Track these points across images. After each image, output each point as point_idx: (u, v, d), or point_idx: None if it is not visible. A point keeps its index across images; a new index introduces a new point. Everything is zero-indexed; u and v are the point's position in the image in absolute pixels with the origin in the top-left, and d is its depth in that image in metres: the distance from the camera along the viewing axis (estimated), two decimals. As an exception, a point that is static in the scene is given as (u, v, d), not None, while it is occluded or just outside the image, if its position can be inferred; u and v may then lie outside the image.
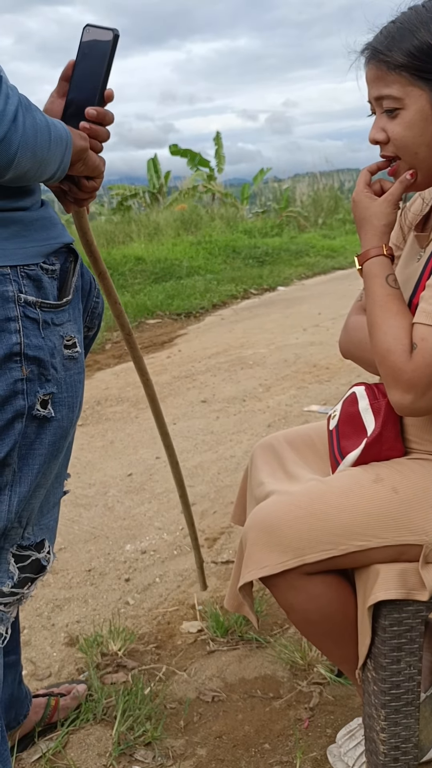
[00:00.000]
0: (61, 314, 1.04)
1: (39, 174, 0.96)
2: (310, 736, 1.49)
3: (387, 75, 1.07)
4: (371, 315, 1.14)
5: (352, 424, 1.27)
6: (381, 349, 1.09)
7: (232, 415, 3.71)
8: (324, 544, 1.11)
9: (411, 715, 1.18)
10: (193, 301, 7.14)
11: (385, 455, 1.21)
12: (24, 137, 0.89)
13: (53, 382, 1.02)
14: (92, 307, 1.18)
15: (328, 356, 4.68)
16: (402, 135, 1.09)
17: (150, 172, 15.32)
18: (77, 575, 2.25)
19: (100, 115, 1.06)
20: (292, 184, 16.99)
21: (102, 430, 3.65)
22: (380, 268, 1.14)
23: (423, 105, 1.07)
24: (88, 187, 1.11)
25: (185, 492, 1.80)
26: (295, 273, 9.30)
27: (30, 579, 1.10)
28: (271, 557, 1.13)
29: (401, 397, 1.07)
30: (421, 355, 1.04)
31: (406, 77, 1.06)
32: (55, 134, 0.95)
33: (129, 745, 1.48)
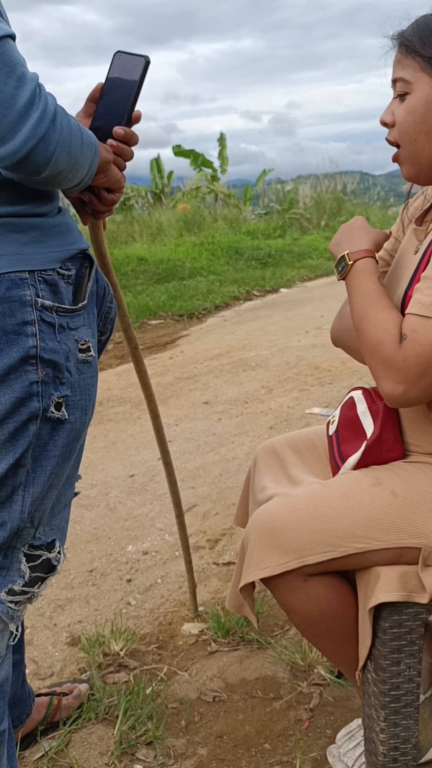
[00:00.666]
0: (77, 319, 1.06)
1: (71, 176, 0.99)
2: (310, 736, 1.50)
3: (405, 58, 1.11)
4: (360, 309, 1.15)
5: (351, 428, 1.28)
6: (371, 341, 1.11)
7: (234, 416, 3.73)
8: (324, 546, 1.13)
9: (410, 716, 1.19)
10: (195, 302, 7.15)
11: (385, 457, 1.22)
12: (61, 137, 0.92)
13: (67, 385, 1.04)
14: (106, 312, 1.20)
15: (330, 359, 4.69)
16: (404, 119, 1.12)
17: (153, 172, 15.34)
18: (79, 575, 2.27)
19: (127, 135, 1.09)
20: (295, 185, 17.00)
21: (104, 430, 3.66)
22: (374, 267, 1.18)
23: (428, 93, 1.09)
24: (107, 199, 1.14)
25: (182, 512, 1.83)
26: (297, 275, 9.31)
27: (40, 578, 1.11)
28: (272, 558, 1.14)
29: (393, 388, 1.08)
30: (411, 346, 1.05)
31: (419, 63, 1.09)
32: (87, 138, 0.99)
33: (130, 744, 1.49)
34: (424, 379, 1.06)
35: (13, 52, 0.88)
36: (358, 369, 4.29)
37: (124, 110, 1.09)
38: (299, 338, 5.46)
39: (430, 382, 1.06)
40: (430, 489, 1.14)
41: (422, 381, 1.06)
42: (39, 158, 0.90)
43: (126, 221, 12.42)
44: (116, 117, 1.10)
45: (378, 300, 1.13)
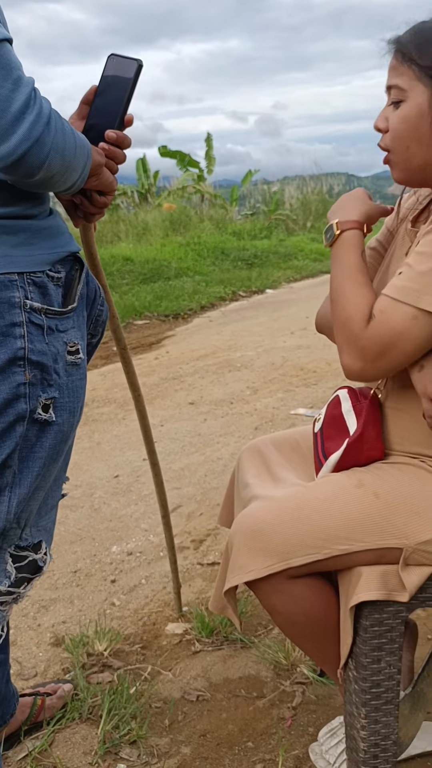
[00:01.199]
0: (66, 321, 1.06)
1: (64, 179, 0.99)
2: (293, 734, 1.51)
3: (400, 66, 1.11)
4: (338, 281, 1.17)
5: (335, 425, 1.30)
6: (342, 315, 1.13)
7: (219, 417, 3.74)
8: (308, 548, 1.14)
9: (390, 713, 1.21)
10: (181, 303, 7.16)
11: (366, 455, 1.24)
12: (55, 140, 0.93)
13: (55, 387, 1.05)
14: (96, 315, 1.21)
15: (316, 359, 4.72)
16: (397, 126, 1.13)
17: (139, 172, 15.32)
18: (63, 576, 2.27)
19: (120, 138, 1.11)
20: (281, 186, 17.05)
21: (89, 431, 3.66)
22: (359, 240, 1.19)
23: (422, 102, 1.10)
24: (99, 202, 1.15)
25: (168, 513, 1.84)
26: (283, 276, 9.35)
27: (27, 579, 1.12)
28: (256, 561, 1.15)
29: (352, 363, 1.12)
30: (377, 327, 1.08)
31: (415, 71, 1.09)
32: (80, 142, 1.00)
33: (114, 744, 1.50)
34: (383, 359, 1.09)
35: (10, 56, 0.89)
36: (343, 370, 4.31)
37: (117, 113, 1.10)
38: (285, 339, 5.48)
39: (387, 362, 1.10)
40: (411, 490, 1.16)
41: (381, 361, 1.09)
42: (33, 161, 0.91)
43: (112, 221, 12.39)
44: (109, 120, 1.10)
45: (355, 275, 1.16)
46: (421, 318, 1.05)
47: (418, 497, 1.15)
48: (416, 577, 1.14)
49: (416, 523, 1.13)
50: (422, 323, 1.05)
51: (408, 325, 1.06)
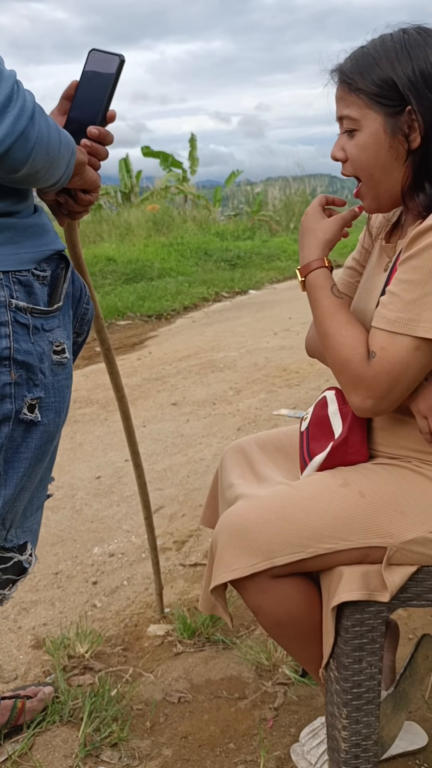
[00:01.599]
0: (51, 320, 1.05)
1: (49, 175, 0.98)
2: (275, 735, 1.51)
3: (348, 96, 1.12)
4: (322, 326, 1.18)
5: (321, 426, 1.30)
6: (338, 360, 1.14)
7: (202, 418, 3.73)
8: (293, 547, 1.14)
9: (372, 713, 1.21)
10: (164, 303, 7.15)
11: (350, 459, 1.24)
12: (40, 134, 0.91)
13: (41, 387, 1.04)
14: (82, 314, 1.20)
15: (298, 360, 4.73)
16: (357, 156, 1.14)
17: (122, 172, 15.28)
18: (44, 578, 2.25)
19: (102, 135, 1.09)
20: (264, 187, 17.08)
21: (70, 432, 3.64)
22: (324, 280, 1.19)
23: (377, 129, 1.11)
24: (84, 200, 1.14)
25: (150, 515, 1.83)
26: (266, 277, 9.36)
27: (11, 580, 1.11)
28: (241, 560, 1.15)
29: (362, 402, 1.12)
30: (381, 363, 1.08)
31: (364, 100, 1.11)
32: (64, 137, 0.99)
33: (95, 747, 1.49)
34: (393, 393, 1.10)
35: None
36: (326, 371, 4.33)
37: (99, 109, 1.09)
38: (268, 340, 5.49)
39: (398, 395, 1.10)
40: (396, 489, 1.16)
41: (391, 395, 1.10)
42: (18, 155, 0.90)
43: (94, 221, 12.35)
44: (91, 116, 1.09)
45: (336, 316, 1.16)
46: (423, 347, 1.06)
47: (404, 496, 1.15)
48: (398, 578, 1.14)
49: (401, 522, 1.13)
50: (425, 351, 1.06)
51: (412, 356, 1.06)
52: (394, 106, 1.09)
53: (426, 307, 1.04)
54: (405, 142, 1.10)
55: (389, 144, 1.11)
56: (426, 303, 1.04)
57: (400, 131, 1.10)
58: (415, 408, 1.14)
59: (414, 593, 1.18)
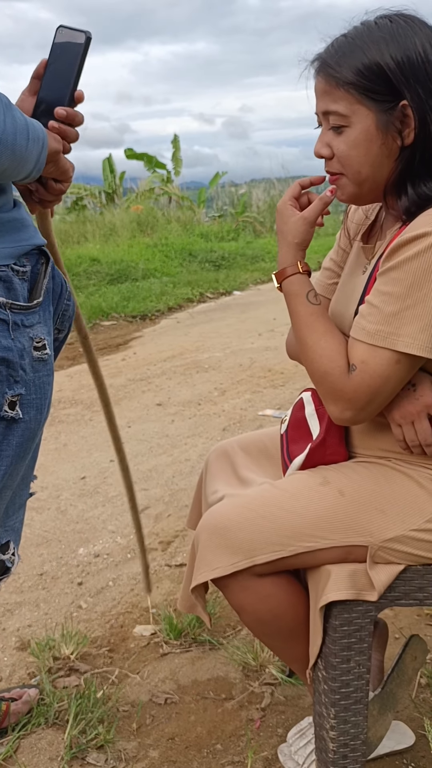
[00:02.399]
0: (32, 316, 1.04)
1: (16, 172, 0.96)
2: (262, 735, 1.51)
3: (335, 90, 1.06)
4: (300, 335, 1.16)
5: (299, 428, 1.30)
6: (317, 371, 1.13)
7: (187, 418, 3.72)
8: (273, 546, 1.14)
9: (360, 713, 1.21)
10: (148, 304, 7.13)
11: (329, 459, 1.24)
12: (4, 135, 0.89)
13: (22, 384, 1.02)
14: (63, 310, 1.18)
15: (283, 361, 4.73)
16: (347, 153, 1.08)
17: (105, 173, 15.23)
18: (29, 579, 2.23)
19: (70, 116, 1.06)
20: (249, 189, 17.11)
21: (55, 432, 3.62)
22: (299, 286, 1.16)
23: (368, 125, 1.06)
24: (55, 189, 1.12)
25: (134, 495, 1.81)
26: (250, 278, 9.37)
27: None
28: (222, 559, 1.14)
29: (341, 413, 1.12)
30: (361, 377, 1.07)
31: (353, 95, 1.05)
32: (33, 134, 0.96)
33: (81, 749, 1.47)
34: (372, 404, 1.10)
35: None
36: (310, 371, 4.34)
37: (67, 89, 1.06)
38: (252, 340, 5.49)
39: (377, 406, 1.11)
40: (376, 488, 1.16)
41: (370, 407, 1.11)
42: None
43: (78, 221, 12.30)
44: (59, 96, 1.06)
45: (313, 325, 1.14)
46: (403, 360, 1.06)
47: (383, 495, 1.15)
48: (385, 576, 1.14)
49: (381, 521, 1.14)
50: (405, 365, 1.07)
51: (393, 369, 1.06)
52: (387, 102, 1.04)
53: (406, 322, 1.03)
54: (398, 138, 1.06)
55: (381, 141, 1.06)
56: (406, 317, 1.03)
57: (393, 127, 1.05)
58: (390, 417, 1.15)
59: (402, 592, 1.18)
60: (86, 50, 1.06)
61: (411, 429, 1.13)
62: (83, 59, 1.06)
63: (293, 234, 1.16)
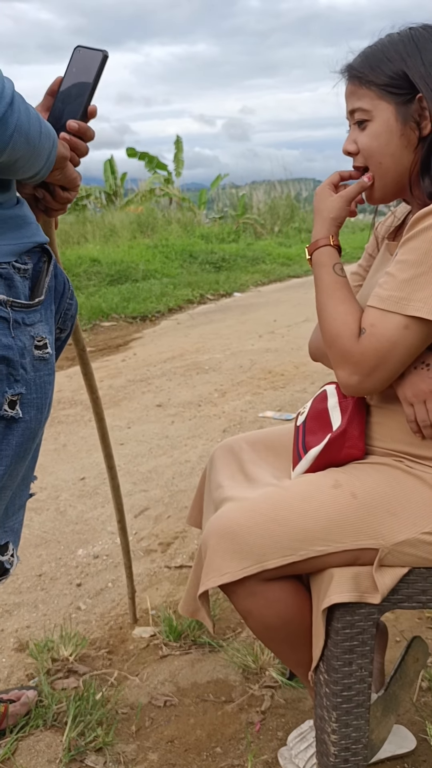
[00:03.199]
0: (33, 314, 1.03)
1: (29, 165, 0.96)
2: (262, 739, 1.49)
3: (359, 89, 1.17)
4: (319, 302, 1.20)
5: (319, 420, 1.29)
6: (330, 334, 1.15)
7: (187, 419, 3.71)
8: (284, 550, 1.12)
9: (361, 716, 1.20)
10: (149, 305, 7.12)
11: (346, 453, 1.23)
12: (20, 121, 0.89)
13: (22, 383, 1.01)
14: (65, 309, 1.17)
15: (283, 363, 4.73)
16: (368, 144, 1.17)
17: (106, 173, 15.24)
18: (27, 580, 2.22)
19: (82, 129, 1.08)
20: (249, 191, 17.12)
21: (54, 433, 3.61)
22: (328, 258, 1.21)
23: (389, 117, 1.15)
24: (62, 197, 1.12)
25: (123, 518, 1.81)
26: (251, 279, 9.37)
27: None
28: (231, 564, 1.13)
29: (348, 378, 1.13)
30: (369, 340, 1.09)
31: (375, 92, 1.15)
32: (45, 127, 0.96)
33: (80, 751, 1.46)
34: (379, 371, 1.10)
35: None
36: (311, 373, 4.34)
37: (81, 104, 1.09)
38: (253, 342, 5.49)
39: (384, 374, 1.11)
40: (387, 490, 1.15)
41: (377, 373, 1.10)
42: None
43: (79, 222, 12.30)
44: (73, 111, 1.09)
45: (334, 293, 1.18)
46: (412, 326, 1.06)
47: (395, 497, 1.14)
48: (389, 579, 1.13)
49: (393, 524, 1.12)
50: (414, 331, 1.07)
51: (401, 334, 1.07)
52: (405, 95, 1.13)
53: (419, 287, 1.05)
54: (416, 129, 1.14)
55: (401, 132, 1.15)
56: (419, 283, 1.05)
57: (412, 119, 1.14)
58: (402, 395, 1.14)
59: (405, 595, 1.17)
60: (102, 68, 1.09)
61: (423, 408, 1.13)
62: (99, 76, 1.09)
63: (329, 209, 1.22)
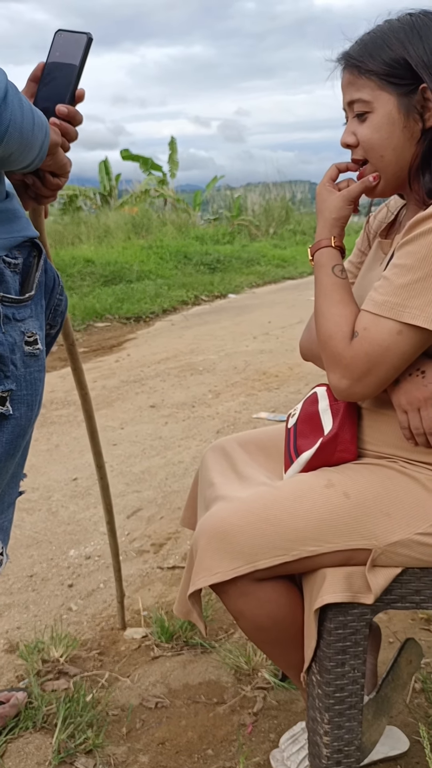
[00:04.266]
0: (23, 310, 1.01)
1: (22, 157, 0.94)
2: (254, 741, 1.48)
3: (358, 79, 1.12)
4: (317, 302, 1.18)
5: (310, 423, 1.27)
6: (323, 335, 1.14)
7: (181, 420, 3.70)
8: (276, 550, 1.11)
9: (354, 717, 1.19)
10: (143, 306, 7.11)
11: (338, 456, 1.21)
12: (13, 116, 0.87)
13: (12, 379, 1.00)
14: (55, 305, 1.16)
15: (278, 364, 4.72)
16: (369, 137, 1.13)
17: (101, 174, 15.23)
18: (18, 581, 2.20)
19: (71, 114, 1.06)
20: (245, 192, 17.13)
21: (47, 433, 3.59)
22: (328, 259, 1.19)
23: (390, 109, 1.10)
24: (52, 184, 1.10)
25: (113, 518, 1.79)
26: (246, 281, 9.37)
27: None
28: (222, 564, 1.11)
29: (338, 381, 1.12)
30: (360, 344, 1.07)
31: (375, 82, 1.10)
32: (38, 118, 0.95)
33: (69, 753, 1.45)
34: (370, 376, 1.08)
35: None
36: (305, 375, 4.33)
37: (67, 89, 1.06)
38: (247, 343, 5.48)
39: (375, 379, 1.09)
40: (381, 490, 1.14)
41: (367, 378, 1.08)
42: None
43: (73, 222, 12.29)
44: (59, 96, 1.06)
45: (331, 294, 1.16)
46: (405, 332, 1.04)
47: (389, 497, 1.13)
48: (382, 579, 1.12)
49: (386, 524, 1.11)
50: (407, 337, 1.05)
51: (393, 340, 1.05)
52: (407, 85, 1.08)
53: (415, 294, 1.03)
54: (420, 121, 1.10)
55: (403, 124, 1.10)
56: (416, 289, 1.03)
57: (415, 110, 1.10)
58: (396, 401, 1.13)
59: (398, 595, 1.16)
60: (87, 51, 1.06)
61: (417, 416, 1.11)
62: (84, 60, 1.06)
63: (331, 210, 1.19)
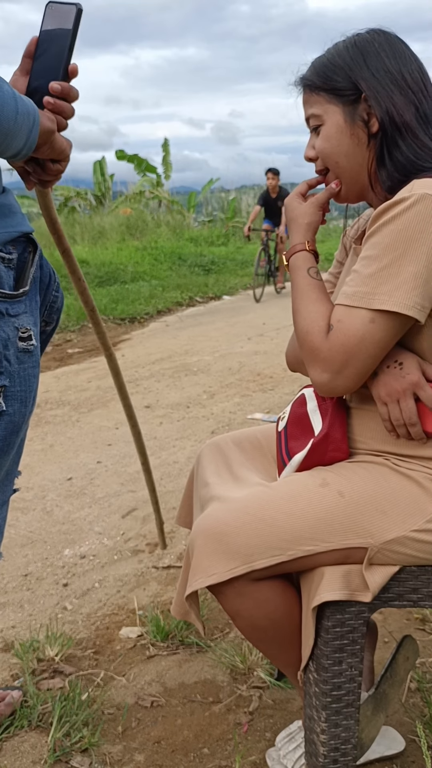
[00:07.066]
0: (17, 305, 1.01)
1: (5, 147, 0.92)
2: (249, 740, 1.48)
3: (311, 97, 1.22)
4: (294, 303, 1.21)
5: (300, 425, 1.28)
6: (301, 332, 1.16)
7: (175, 421, 3.70)
8: (273, 550, 1.11)
9: (351, 716, 1.19)
10: (137, 307, 7.11)
11: (331, 456, 1.22)
12: None
13: (6, 375, 0.99)
14: (51, 301, 1.15)
15: (272, 365, 4.73)
16: (322, 147, 1.21)
17: (96, 175, 15.21)
18: (13, 580, 2.19)
19: (65, 90, 1.03)
20: (239, 195, 17.14)
21: (41, 433, 3.58)
22: (303, 262, 1.23)
23: (338, 119, 1.19)
24: (53, 170, 1.08)
25: (147, 459, 1.89)
26: (240, 283, 9.38)
27: None
28: (219, 565, 1.11)
29: (319, 376, 1.12)
30: (336, 336, 1.09)
31: (324, 96, 1.20)
32: (23, 107, 0.92)
33: (65, 752, 1.44)
34: (349, 367, 1.09)
35: None
36: (299, 376, 4.33)
37: (60, 62, 1.03)
38: (241, 344, 5.48)
39: (354, 370, 1.10)
40: (375, 488, 1.14)
41: (347, 370, 1.09)
42: None
43: (67, 223, 12.27)
44: (53, 70, 1.03)
45: (306, 294, 1.19)
46: (378, 319, 1.06)
47: (383, 495, 1.13)
48: (379, 577, 1.12)
49: (381, 522, 1.11)
50: (380, 324, 1.06)
51: (367, 329, 1.06)
52: (349, 95, 1.18)
53: (382, 281, 1.05)
54: (365, 127, 1.18)
55: (350, 131, 1.19)
56: (382, 277, 1.05)
57: (360, 118, 1.18)
58: (376, 394, 1.14)
59: (396, 593, 1.16)
60: (78, 22, 1.04)
61: (396, 408, 1.12)
62: (75, 32, 1.04)
63: (303, 215, 1.25)
